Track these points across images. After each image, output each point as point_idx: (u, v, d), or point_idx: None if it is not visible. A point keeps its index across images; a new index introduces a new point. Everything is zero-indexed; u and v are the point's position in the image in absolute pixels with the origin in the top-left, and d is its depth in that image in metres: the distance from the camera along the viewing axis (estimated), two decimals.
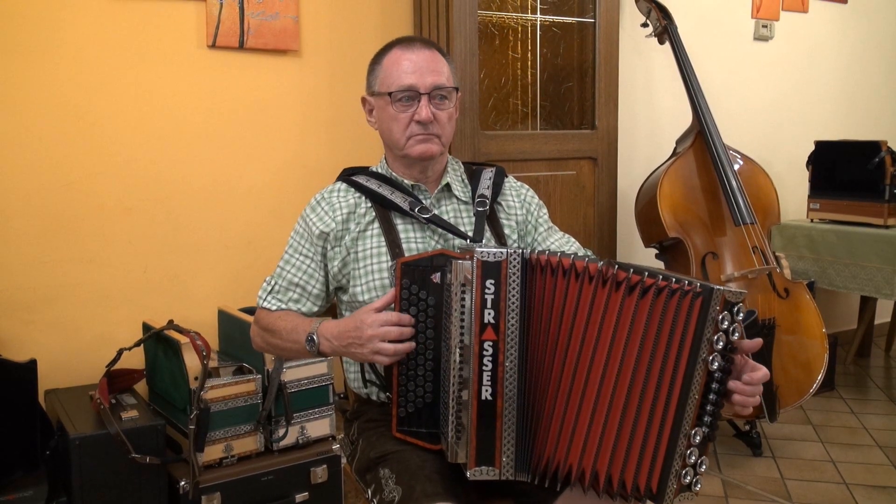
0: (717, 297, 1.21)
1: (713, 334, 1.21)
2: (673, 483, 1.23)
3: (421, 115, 1.57)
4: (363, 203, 1.63)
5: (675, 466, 1.23)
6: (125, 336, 2.45)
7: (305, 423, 2.33)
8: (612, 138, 3.11)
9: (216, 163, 2.64)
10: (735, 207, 2.95)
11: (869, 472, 2.87)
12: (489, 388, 1.33)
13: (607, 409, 1.28)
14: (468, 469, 1.34)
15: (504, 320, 1.33)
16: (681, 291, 1.23)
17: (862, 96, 4.41)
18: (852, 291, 3.46)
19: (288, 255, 1.65)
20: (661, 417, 1.24)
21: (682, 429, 1.23)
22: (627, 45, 3.39)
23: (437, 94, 1.59)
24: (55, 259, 2.40)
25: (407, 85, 1.57)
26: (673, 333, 1.24)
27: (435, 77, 1.58)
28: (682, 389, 1.23)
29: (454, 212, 1.67)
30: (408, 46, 1.61)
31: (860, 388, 3.81)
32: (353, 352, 1.45)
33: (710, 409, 1.24)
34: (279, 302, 1.64)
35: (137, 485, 2.10)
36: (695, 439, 1.23)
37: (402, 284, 1.43)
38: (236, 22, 2.60)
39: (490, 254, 1.33)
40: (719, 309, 1.21)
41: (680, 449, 1.22)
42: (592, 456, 1.28)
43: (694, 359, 1.22)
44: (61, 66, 2.37)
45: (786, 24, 4.04)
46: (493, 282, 1.33)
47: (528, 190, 1.78)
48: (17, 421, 2.06)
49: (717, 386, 1.24)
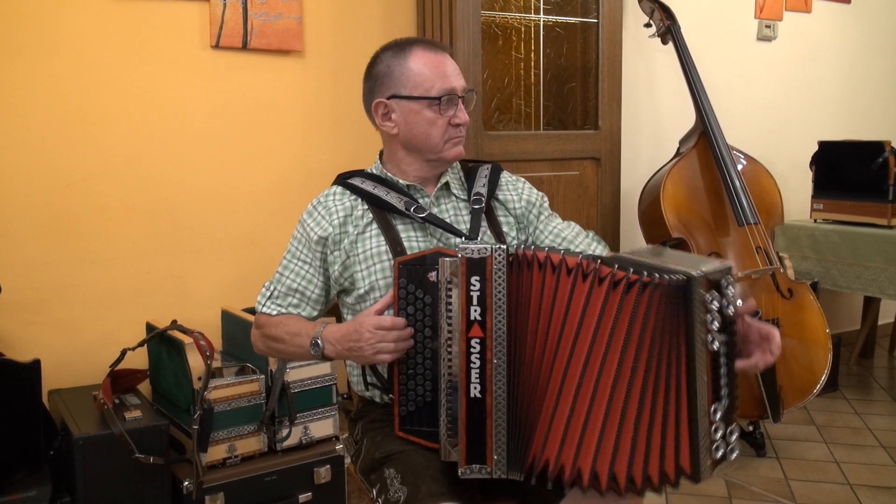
0: (699, 283, 1.21)
1: (705, 315, 1.22)
2: (706, 460, 1.23)
3: (462, 118, 1.61)
4: (360, 205, 1.63)
5: (703, 445, 1.23)
6: (128, 336, 2.45)
7: (309, 424, 2.32)
8: (616, 139, 3.10)
9: (219, 163, 2.64)
10: (738, 208, 2.94)
11: (873, 472, 2.86)
12: (478, 385, 1.33)
13: (606, 407, 1.27)
14: (459, 467, 1.34)
15: (491, 317, 1.33)
16: (652, 285, 1.24)
17: (865, 96, 4.40)
18: (856, 292, 3.45)
19: (286, 261, 1.65)
20: (675, 407, 1.24)
21: (699, 411, 1.22)
22: (631, 46, 3.38)
23: (469, 96, 1.64)
24: (58, 259, 2.40)
25: (450, 88, 1.59)
26: (665, 325, 1.24)
27: (464, 80, 1.63)
28: (689, 376, 1.23)
29: (453, 210, 1.67)
30: (433, 49, 1.62)
31: (864, 388, 3.80)
32: (355, 355, 1.46)
33: (724, 382, 1.24)
34: (279, 307, 1.64)
35: (141, 485, 2.10)
36: (715, 416, 1.23)
37: (400, 284, 1.43)
38: (239, 22, 2.60)
39: (475, 251, 1.33)
40: (703, 291, 1.21)
41: (703, 427, 1.22)
42: (591, 454, 1.27)
43: (692, 344, 1.22)
44: (64, 67, 2.38)
45: (789, 24, 4.03)
46: (479, 278, 1.33)
47: (524, 183, 1.77)
48: (20, 421, 2.06)
49: (724, 360, 1.24)
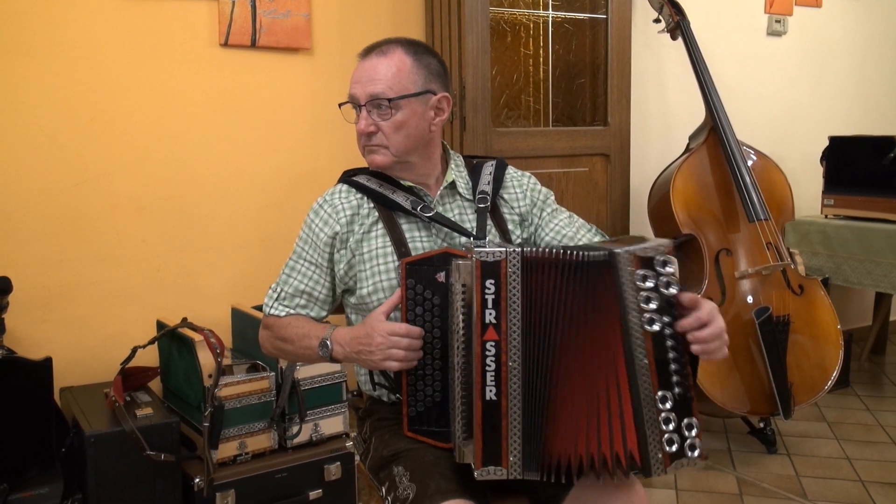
0: (626, 260, 1.21)
1: (636, 295, 1.21)
2: (657, 452, 1.22)
3: (358, 126, 1.58)
4: (365, 204, 1.62)
5: (651, 435, 1.22)
6: (139, 334, 2.46)
7: (319, 421, 2.33)
8: (625, 135, 3.10)
9: (228, 161, 2.65)
10: (749, 204, 2.93)
11: (885, 469, 2.85)
12: (493, 388, 1.33)
13: (584, 394, 1.30)
14: (475, 469, 1.34)
15: (505, 320, 1.33)
16: (587, 264, 1.26)
17: (876, 91, 4.37)
18: (867, 288, 3.44)
19: (293, 262, 1.64)
20: (616, 390, 1.25)
21: (643, 396, 1.22)
22: (640, 41, 3.37)
23: (376, 103, 1.56)
24: (69, 258, 2.41)
25: (350, 94, 1.59)
26: (599, 305, 1.26)
27: (371, 86, 1.55)
28: (627, 357, 1.23)
29: (459, 209, 1.65)
30: (369, 52, 1.60)
31: (875, 385, 3.78)
32: (363, 358, 1.46)
33: (673, 369, 1.23)
34: (286, 308, 1.62)
35: (152, 482, 2.10)
36: (665, 404, 1.22)
37: (408, 285, 1.43)
38: (248, 20, 2.60)
39: (489, 254, 1.32)
40: (633, 269, 1.20)
41: (649, 416, 1.22)
42: (583, 440, 1.30)
43: (626, 324, 1.22)
44: (74, 66, 2.38)
45: (799, 18, 4.01)
46: (493, 282, 1.32)
47: (529, 178, 1.75)
48: (32, 419, 2.07)
49: (672, 343, 1.22)
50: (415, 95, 1.57)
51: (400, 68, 1.56)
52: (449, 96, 1.64)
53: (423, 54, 1.60)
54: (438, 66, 1.63)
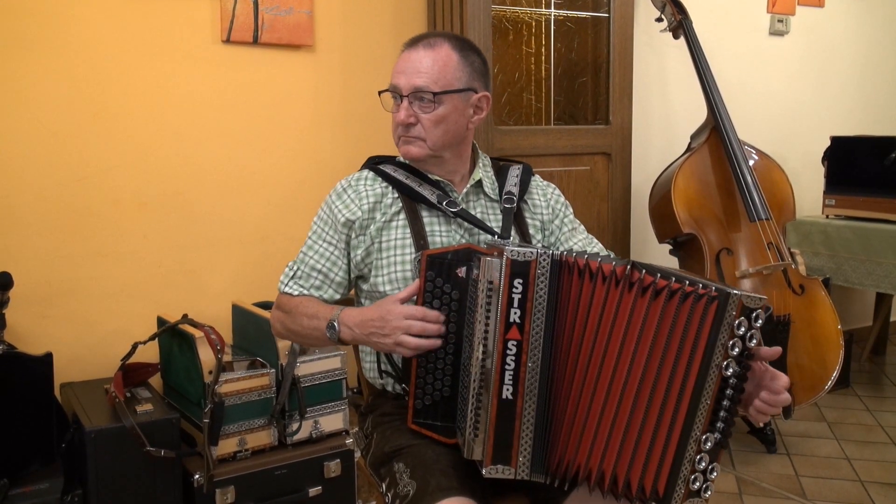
0: (734, 302, 1.18)
1: (728, 339, 1.19)
2: (681, 488, 1.22)
3: (397, 117, 1.58)
4: (390, 193, 1.62)
5: (683, 471, 1.22)
6: (140, 330, 2.46)
7: (319, 418, 2.33)
8: (627, 133, 3.09)
9: (230, 157, 2.64)
10: (750, 203, 2.93)
11: (884, 469, 2.85)
12: (510, 387, 1.33)
13: (615, 410, 1.27)
14: (484, 466, 1.34)
15: (530, 321, 1.32)
16: (695, 294, 1.21)
17: (878, 91, 4.37)
18: (868, 288, 3.44)
19: (311, 241, 1.64)
20: (670, 420, 1.22)
21: (693, 433, 1.21)
22: (642, 40, 3.37)
23: (419, 95, 1.56)
24: (70, 253, 2.41)
25: (392, 84, 1.59)
26: (686, 336, 1.22)
27: (416, 78, 1.55)
28: (694, 393, 1.21)
29: (482, 208, 1.66)
30: (415, 43, 1.60)
31: (875, 385, 3.78)
32: (374, 341, 1.44)
33: (723, 416, 1.22)
34: (301, 287, 1.62)
35: (152, 478, 2.10)
36: (705, 445, 1.22)
37: (427, 277, 1.42)
38: (250, 17, 2.60)
39: (520, 253, 1.31)
40: (735, 314, 1.18)
41: (689, 454, 1.21)
42: (599, 455, 1.28)
43: (707, 363, 1.20)
44: (76, 62, 2.38)
45: (801, 18, 4.01)
46: (522, 282, 1.31)
47: (553, 189, 1.76)
48: (33, 414, 2.07)
49: (731, 392, 1.22)
50: (458, 92, 1.58)
51: (446, 63, 1.56)
52: (489, 95, 1.66)
53: (468, 51, 1.61)
54: (482, 64, 1.64)
